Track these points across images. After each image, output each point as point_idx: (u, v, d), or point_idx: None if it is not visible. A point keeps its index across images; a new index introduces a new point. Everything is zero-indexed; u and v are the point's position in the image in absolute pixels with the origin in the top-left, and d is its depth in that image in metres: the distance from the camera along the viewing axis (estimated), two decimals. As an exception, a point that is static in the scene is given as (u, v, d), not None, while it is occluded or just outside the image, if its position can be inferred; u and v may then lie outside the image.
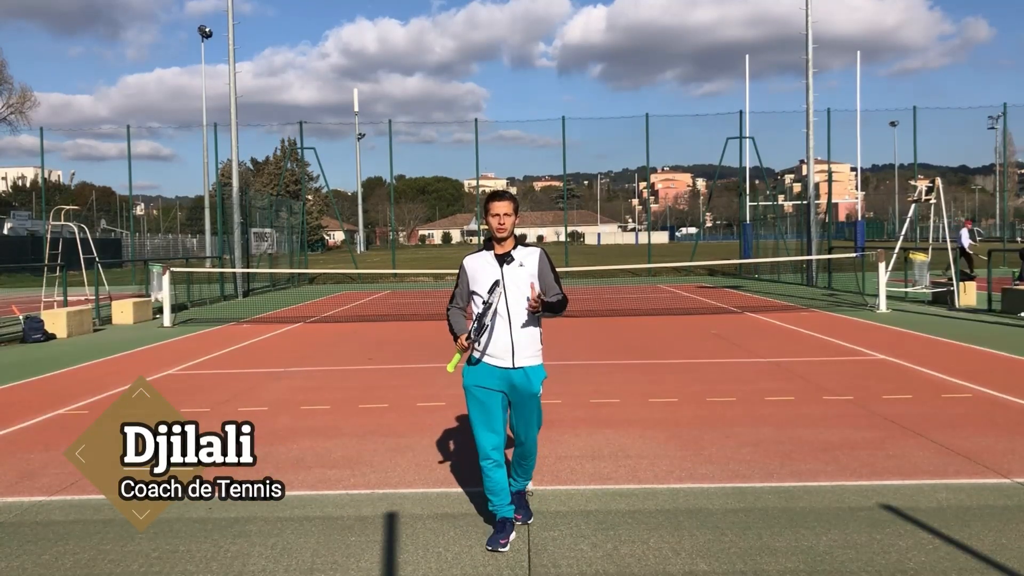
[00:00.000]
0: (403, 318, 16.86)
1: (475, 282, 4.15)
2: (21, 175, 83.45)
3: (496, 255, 4.15)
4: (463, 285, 4.24)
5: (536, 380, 4.17)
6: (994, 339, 11.40)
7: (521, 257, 4.16)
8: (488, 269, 4.12)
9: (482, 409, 4.13)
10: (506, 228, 4.10)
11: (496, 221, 4.11)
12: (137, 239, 51.52)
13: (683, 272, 31.34)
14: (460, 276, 4.27)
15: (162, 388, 8.96)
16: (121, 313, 16.81)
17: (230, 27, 25.54)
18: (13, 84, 57.89)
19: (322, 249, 76.39)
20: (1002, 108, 35.77)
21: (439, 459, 5.78)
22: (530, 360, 4.14)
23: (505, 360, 4.10)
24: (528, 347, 4.13)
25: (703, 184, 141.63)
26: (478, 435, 4.15)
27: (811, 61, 24.96)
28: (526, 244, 4.22)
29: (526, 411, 4.20)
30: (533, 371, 4.16)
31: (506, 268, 4.11)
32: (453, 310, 4.29)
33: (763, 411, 7.14)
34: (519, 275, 4.10)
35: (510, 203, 4.13)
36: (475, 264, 4.20)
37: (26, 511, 4.84)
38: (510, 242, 4.17)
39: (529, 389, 4.14)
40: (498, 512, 4.20)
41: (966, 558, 3.85)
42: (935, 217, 18.84)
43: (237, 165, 26.88)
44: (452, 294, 4.33)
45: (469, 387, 4.16)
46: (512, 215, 4.13)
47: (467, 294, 4.23)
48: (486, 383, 4.12)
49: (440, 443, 6.19)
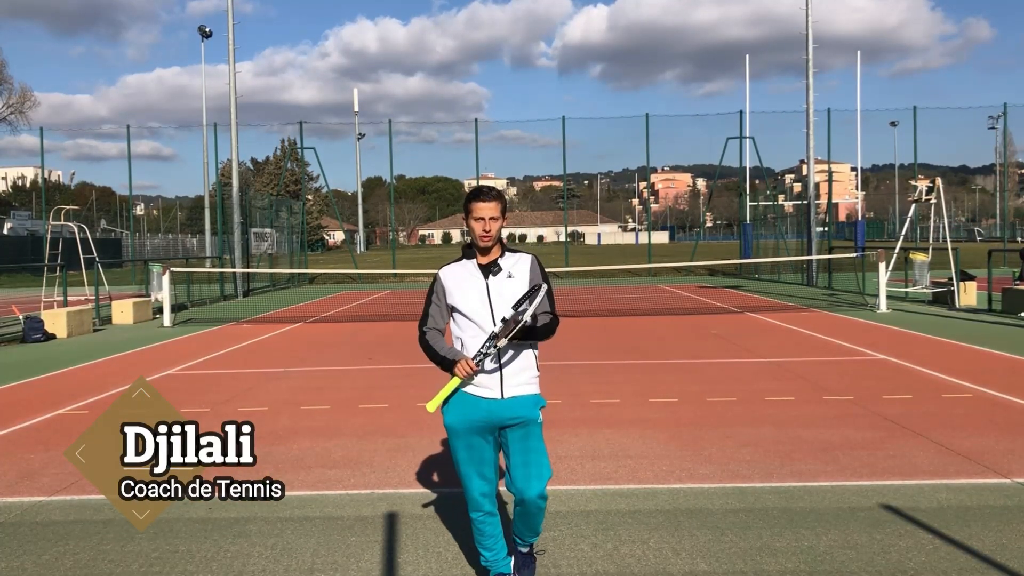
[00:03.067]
0: (403, 318, 16.86)
1: (455, 297, 3.42)
2: (21, 175, 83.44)
3: (479, 265, 3.43)
4: (439, 301, 3.49)
5: (533, 407, 3.40)
6: (994, 339, 11.40)
7: (509, 266, 3.44)
8: (471, 282, 3.41)
9: (469, 451, 3.40)
10: (491, 235, 3.36)
11: (480, 227, 3.36)
12: (137, 239, 51.53)
13: (683, 272, 31.34)
14: (434, 292, 3.51)
15: (162, 388, 8.96)
16: (121, 313, 16.81)
17: (230, 27, 25.54)
18: (13, 84, 57.91)
19: (322, 249, 76.41)
20: (1002, 108, 35.81)
21: (439, 459, 5.78)
22: (523, 388, 3.39)
23: (492, 390, 3.36)
24: (520, 373, 3.40)
25: (703, 184, 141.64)
26: (466, 482, 3.44)
27: (811, 61, 24.97)
28: (513, 249, 3.52)
29: (523, 450, 3.37)
30: (527, 398, 3.40)
31: (492, 280, 3.40)
32: (431, 332, 3.49)
33: (763, 411, 7.14)
34: (508, 288, 3.38)
35: (497, 204, 3.39)
36: (454, 276, 3.46)
37: (26, 511, 4.84)
38: (496, 249, 3.46)
39: (525, 417, 3.36)
40: (492, 569, 3.54)
41: (966, 558, 3.85)
42: (935, 217, 18.84)
43: (237, 165, 26.88)
44: (424, 314, 3.53)
45: (451, 425, 3.41)
46: (499, 218, 3.39)
47: (446, 312, 3.49)
48: (471, 419, 3.36)
49: (440, 443, 6.19)
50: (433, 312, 3.51)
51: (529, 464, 3.36)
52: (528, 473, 3.35)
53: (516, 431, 3.37)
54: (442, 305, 3.48)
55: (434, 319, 3.51)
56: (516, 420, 3.35)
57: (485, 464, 3.42)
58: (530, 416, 3.37)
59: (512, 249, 3.52)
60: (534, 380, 3.45)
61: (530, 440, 3.38)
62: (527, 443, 3.38)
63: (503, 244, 3.49)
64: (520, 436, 3.37)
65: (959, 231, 77.84)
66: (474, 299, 3.37)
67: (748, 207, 31.89)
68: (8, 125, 57.28)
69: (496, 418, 3.36)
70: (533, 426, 3.39)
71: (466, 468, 3.42)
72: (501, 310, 3.32)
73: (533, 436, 3.39)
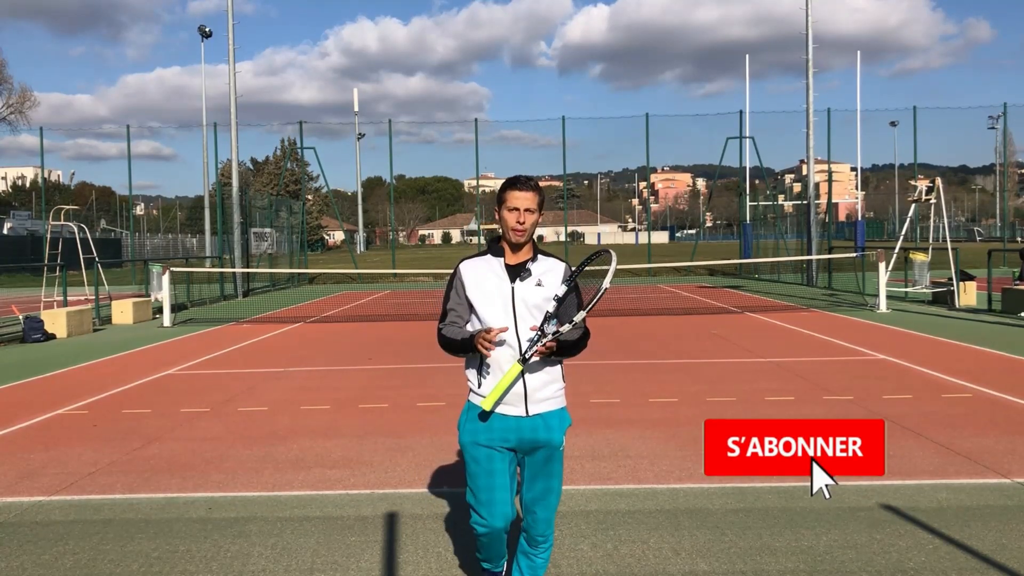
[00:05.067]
0: (403, 318, 16.86)
1: (474, 296, 3.05)
2: (21, 175, 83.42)
3: (507, 265, 3.05)
4: (459, 296, 3.10)
5: (558, 429, 3.09)
6: (994, 339, 11.40)
7: (540, 272, 3.04)
8: (495, 282, 3.02)
9: (486, 473, 3.04)
10: (525, 229, 3.00)
11: (514, 218, 2.99)
12: (137, 239, 51.52)
13: (683, 272, 31.35)
14: (453, 286, 3.12)
15: (162, 388, 8.98)
16: (121, 313, 16.81)
17: (230, 27, 25.55)
18: (13, 84, 57.88)
19: (322, 249, 76.42)
20: (1002, 108, 35.84)
21: (439, 459, 5.78)
22: (548, 404, 3.07)
23: (516, 407, 3.02)
24: (546, 387, 3.06)
25: (703, 184, 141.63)
26: (480, 507, 3.06)
27: (811, 61, 24.99)
28: (547, 253, 3.13)
29: (544, 475, 3.09)
30: (553, 417, 3.07)
31: (519, 285, 3.01)
32: (447, 327, 3.10)
33: (763, 411, 7.14)
34: (534, 297, 3.00)
35: (534, 195, 3.01)
36: (477, 271, 3.08)
37: (26, 511, 4.84)
38: (527, 249, 3.07)
39: (550, 442, 3.06)
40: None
41: (966, 558, 3.85)
42: (935, 217, 18.84)
43: (237, 165, 26.89)
44: (443, 311, 3.15)
45: (468, 444, 3.08)
46: (535, 212, 3.02)
47: (467, 308, 3.09)
48: (491, 439, 3.04)
49: (440, 443, 6.19)
50: (454, 307, 3.11)
51: (549, 494, 3.13)
52: (547, 496, 3.13)
53: (537, 460, 3.08)
54: (463, 300, 3.09)
55: (456, 313, 3.10)
56: (540, 447, 3.06)
57: (500, 488, 3.05)
58: (556, 443, 3.07)
59: (545, 253, 3.13)
60: (560, 393, 3.13)
61: (550, 467, 3.10)
62: (547, 469, 3.10)
63: (535, 245, 3.11)
64: (540, 464, 3.09)
65: (959, 231, 77.83)
66: (496, 303, 3.01)
67: (748, 207, 31.92)
68: (8, 125, 57.29)
69: (518, 438, 3.04)
70: (555, 457, 3.10)
71: (482, 492, 3.05)
72: (525, 320, 2.98)
73: (554, 464, 3.11)
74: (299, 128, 33.79)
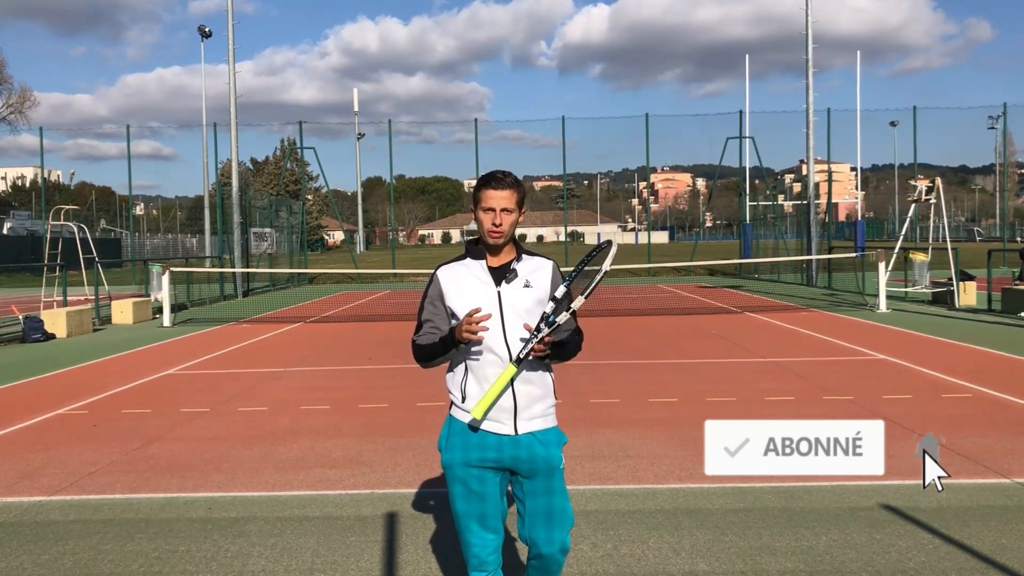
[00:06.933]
0: (403, 318, 16.85)
1: (456, 304, 2.76)
2: (21, 175, 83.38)
3: (490, 268, 2.78)
4: (437, 306, 2.81)
5: (555, 444, 2.81)
6: (994, 339, 11.40)
7: (527, 273, 2.78)
8: (478, 287, 2.75)
9: (471, 498, 2.76)
10: (503, 231, 2.72)
11: (490, 219, 2.71)
12: (137, 239, 51.48)
13: (683, 272, 31.34)
14: (429, 295, 2.84)
15: (162, 388, 8.98)
16: (121, 313, 16.81)
17: (230, 27, 25.54)
18: (13, 84, 57.84)
19: (322, 249, 76.41)
20: (1002, 108, 35.80)
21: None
22: (539, 422, 2.78)
23: (503, 424, 2.74)
24: (537, 403, 2.77)
25: (703, 184, 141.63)
26: (466, 536, 2.79)
27: (811, 61, 24.99)
28: (531, 252, 2.86)
29: (543, 497, 2.78)
30: (545, 436, 2.79)
31: (506, 288, 2.74)
32: (423, 336, 2.82)
33: (763, 411, 7.14)
34: (523, 300, 2.74)
35: (511, 193, 2.73)
36: (458, 276, 2.79)
37: (26, 511, 4.84)
38: (509, 249, 2.81)
39: (546, 461, 2.77)
40: None
41: (966, 558, 3.85)
42: (935, 217, 18.85)
43: (237, 165, 26.89)
44: (417, 322, 2.86)
45: (452, 466, 2.80)
46: (514, 211, 2.74)
47: (446, 318, 2.80)
48: (477, 459, 2.75)
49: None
50: (431, 318, 2.81)
51: (553, 514, 2.78)
52: (551, 523, 2.78)
53: (534, 482, 2.77)
54: (442, 311, 2.80)
55: (433, 324, 2.81)
56: (535, 467, 2.76)
57: (490, 514, 2.77)
58: (552, 462, 2.78)
59: (529, 252, 2.86)
60: (551, 411, 2.83)
61: (549, 486, 2.78)
62: (545, 489, 2.78)
63: (517, 244, 2.84)
64: (537, 485, 2.78)
65: (959, 231, 77.84)
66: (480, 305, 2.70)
67: (748, 207, 31.92)
68: (8, 125, 57.22)
69: (507, 459, 2.75)
70: (553, 476, 2.79)
71: (467, 520, 2.77)
72: (514, 325, 2.71)
73: (556, 479, 2.79)
74: (299, 128, 33.79)
